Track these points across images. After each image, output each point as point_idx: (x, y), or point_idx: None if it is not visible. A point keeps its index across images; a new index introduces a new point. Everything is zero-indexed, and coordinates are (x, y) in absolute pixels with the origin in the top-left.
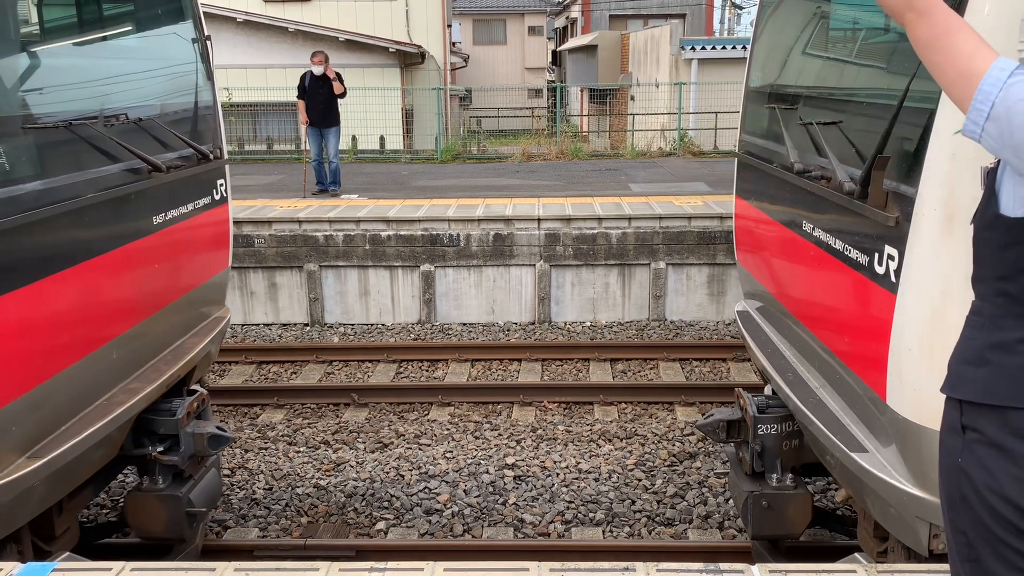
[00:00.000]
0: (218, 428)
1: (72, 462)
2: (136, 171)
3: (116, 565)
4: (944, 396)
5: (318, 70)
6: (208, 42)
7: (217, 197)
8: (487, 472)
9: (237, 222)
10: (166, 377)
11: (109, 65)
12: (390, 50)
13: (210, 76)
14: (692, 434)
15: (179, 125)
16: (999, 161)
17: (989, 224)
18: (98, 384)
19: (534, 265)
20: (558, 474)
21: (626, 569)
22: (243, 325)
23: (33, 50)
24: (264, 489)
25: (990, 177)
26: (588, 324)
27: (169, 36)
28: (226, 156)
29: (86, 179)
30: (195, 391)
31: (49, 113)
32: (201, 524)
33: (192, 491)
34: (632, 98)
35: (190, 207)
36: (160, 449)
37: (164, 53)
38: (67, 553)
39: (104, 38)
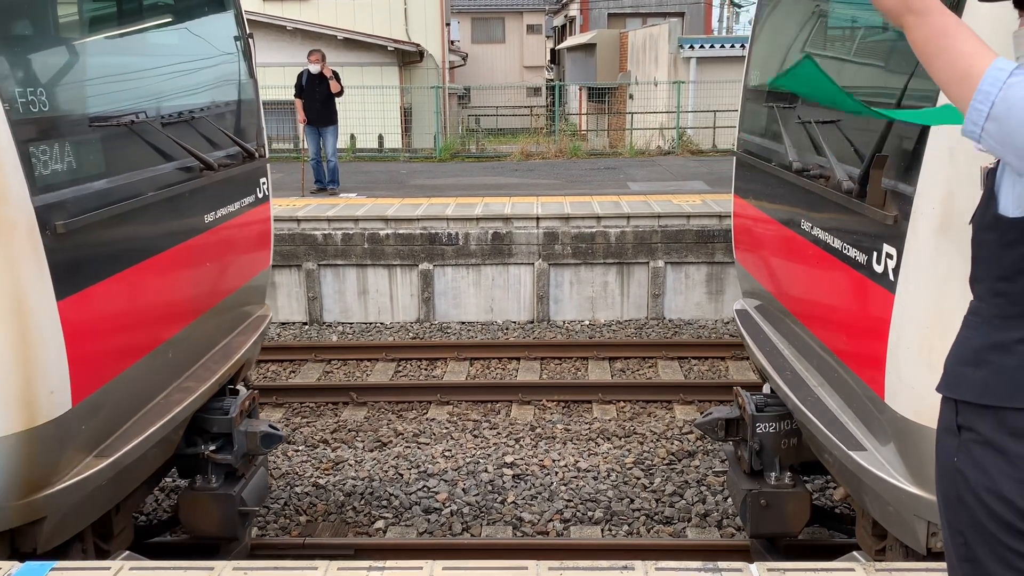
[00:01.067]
0: (271, 427)
1: (135, 461)
2: (189, 169)
3: (115, 564)
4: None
5: (315, 68)
6: (250, 39)
7: (260, 195)
8: (486, 471)
9: None
10: (219, 376)
11: (164, 63)
12: (388, 48)
13: (252, 73)
14: (691, 432)
15: (226, 123)
16: (998, 162)
17: (988, 225)
18: (155, 383)
19: (533, 264)
20: (557, 473)
21: (625, 568)
22: None
23: (96, 49)
24: None
25: (989, 178)
26: (587, 323)
27: (216, 34)
28: (267, 154)
29: (148, 177)
30: (246, 390)
31: (112, 111)
32: (251, 522)
33: (244, 490)
34: (631, 96)
35: (237, 205)
36: (212, 448)
37: (211, 51)
38: (127, 552)
39: (159, 36)
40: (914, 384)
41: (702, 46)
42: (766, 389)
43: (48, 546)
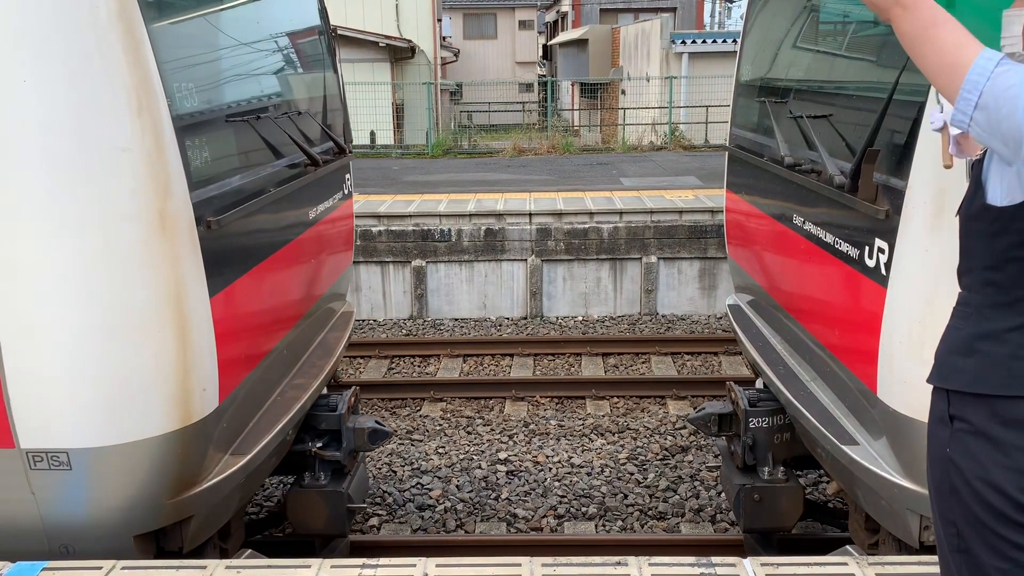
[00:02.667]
0: (376, 423)
1: (264, 459)
2: (302, 164)
3: (106, 564)
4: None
5: None
6: (334, 34)
7: (346, 191)
8: (479, 467)
9: None
10: (327, 372)
11: (279, 60)
12: (380, 45)
13: (336, 68)
14: (684, 428)
15: (322, 118)
16: (984, 152)
17: (976, 215)
18: (273, 381)
19: (526, 260)
20: (550, 469)
21: (618, 563)
22: None
23: (231, 47)
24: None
25: (976, 168)
26: (580, 319)
27: (309, 30)
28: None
29: (272, 172)
30: (350, 386)
31: (245, 108)
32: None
33: (350, 486)
34: (623, 92)
35: (331, 201)
36: (319, 445)
37: (309, 47)
38: (249, 551)
39: (274, 35)
40: (906, 378)
41: (694, 41)
42: (759, 384)
43: (192, 545)
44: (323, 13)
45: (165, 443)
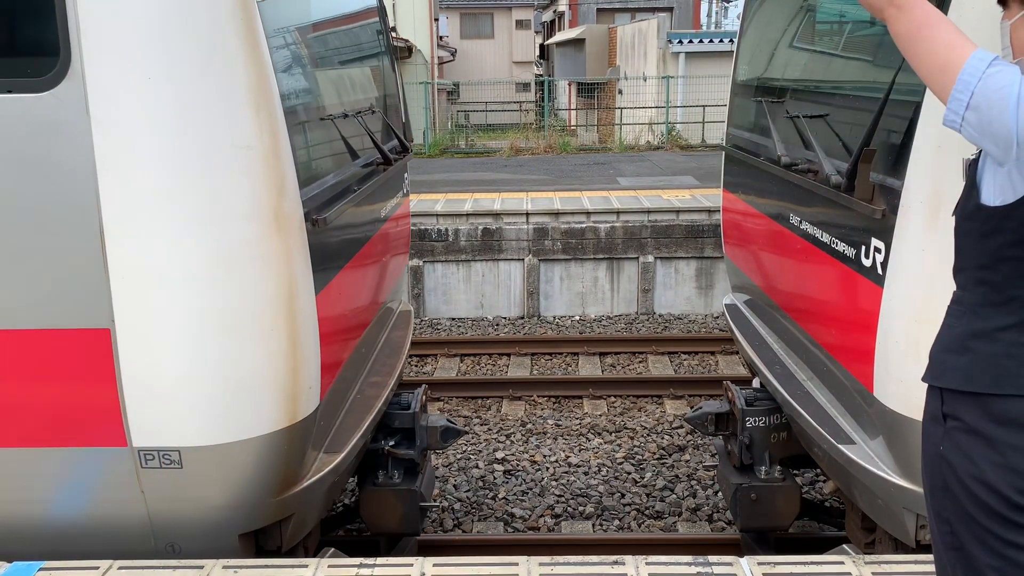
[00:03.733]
0: (448, 421)
1: (353, 458)
2: (379, 163)
3: (103, 564)
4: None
5: None
6: (393, 33)
7: (405, 190)
8: (477, 467)
9: None
10: (399, 371)
11: (360, 60)
12: None
13: (395, 67)
14: (681, 427)
15: (388, 117)
16: (980, 152)
17: (970, 214)
18: (351, 379)
19: (523, 259)
20: (548, 468)
21: (615, 563)
22: None
23: (328, 48)
24: None
25: (971, 168)
26: (577, 318)
27: (373, 29)
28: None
29: (358, 170)
30: (420, 385)
31: (338, 108)
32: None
33: (422, 484)
34: (620, 92)
35: (397, 199)
36: (391, 443)
37: (374, 46)
38: (332, 550)
39: (355, 35)
40: (903, 377)
41: (691, 41)
42: (756, 383)
43: (289, 544)
44: (382, 12)
45: (274, 441)
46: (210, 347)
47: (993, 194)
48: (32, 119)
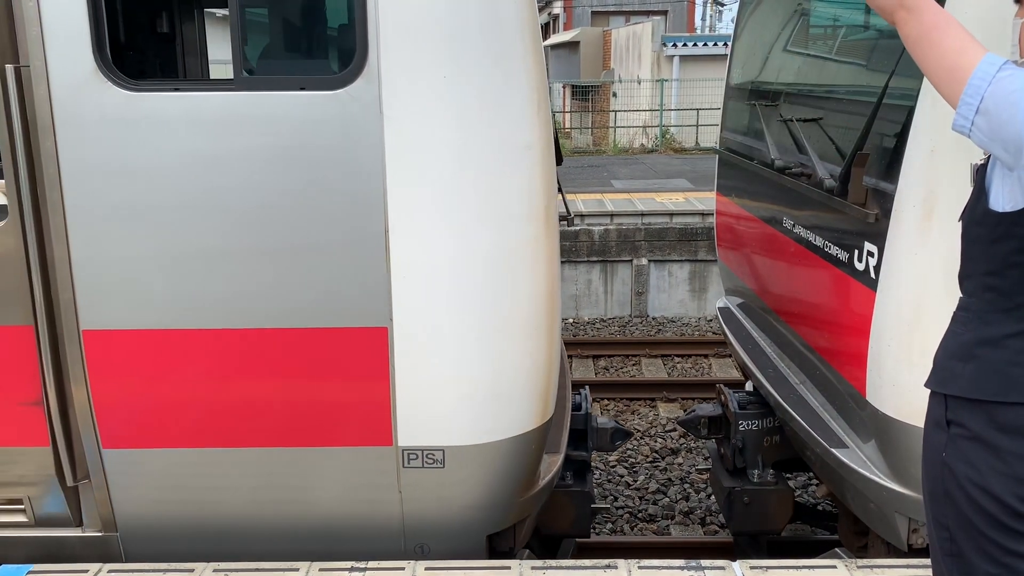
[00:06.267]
0: (617, 423)
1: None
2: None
3: (93, 567)
4: (928, 391)
5: None
6: None
7: None
8: None
9: None
10: (568, 371)
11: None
12: None
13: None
14: (674, 430)
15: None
16: (988, 157)
17: (978, 220)
18: None
19: None
20: None
21: (608, 566)
22: None
23: None
24: None
25: (980, 173)
26: (570, 321)
27: None
28: None
29: None
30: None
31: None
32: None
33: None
34: (614, 95)
35: None
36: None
37: None
38: (527, 551)
39: None
40: (895, 381)
41: (685, 44)
42: (749, 387)
43: (520, 545)
44: None
45: (528, 441)
46: (483, 346)
47: (1002, 199)
48: (324, 116)
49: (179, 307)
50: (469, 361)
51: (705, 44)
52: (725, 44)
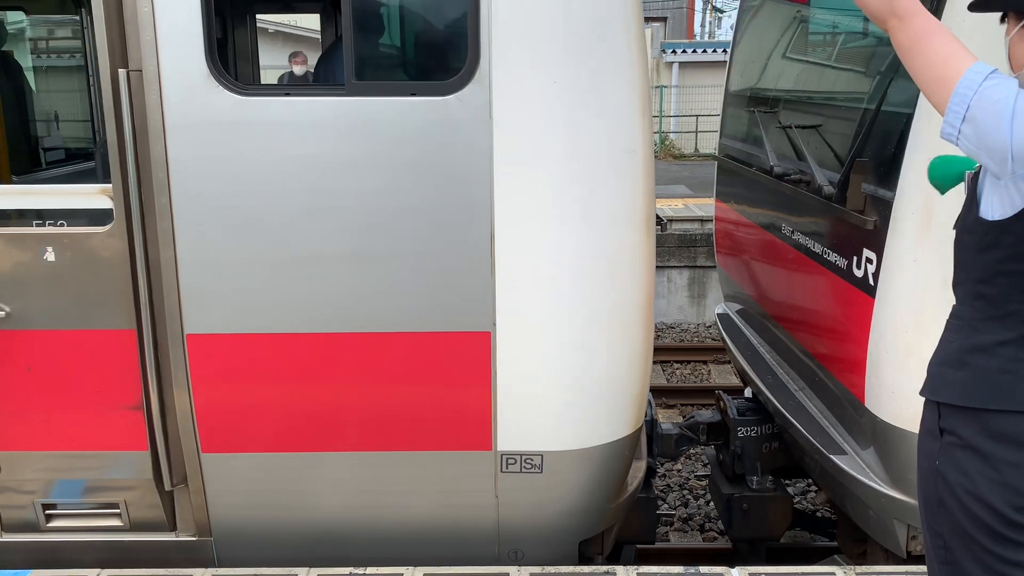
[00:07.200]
0: (680, 429)
1: None
2: None
3: (91, 572)
4: (923, 399)
5: (299, 71)
6: None
7: None
8: None
9: None
10: None
11: None
12: None
13: None
14: None
15: None
16: (981, 167)
17: (969, 228)
18: None
19: None
20: None
21: (607, 572)
22: None
23: None
24: None
25: (973, 182)
26: None
27: None
28: None
29: None
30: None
31: None
32: None
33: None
34: None
35: None
36: None
37: None
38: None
39: None
40: (894, 388)
41: (684, 51)
42: (748, 393)
43: (607, 552)
44: None
45: (622, 446)
46: (585, 351)
47: (992, 208)
48: (435, 122)
49: (283, 311)
50: (570, 366)
51: (704, 51)
52: (724, 51)
